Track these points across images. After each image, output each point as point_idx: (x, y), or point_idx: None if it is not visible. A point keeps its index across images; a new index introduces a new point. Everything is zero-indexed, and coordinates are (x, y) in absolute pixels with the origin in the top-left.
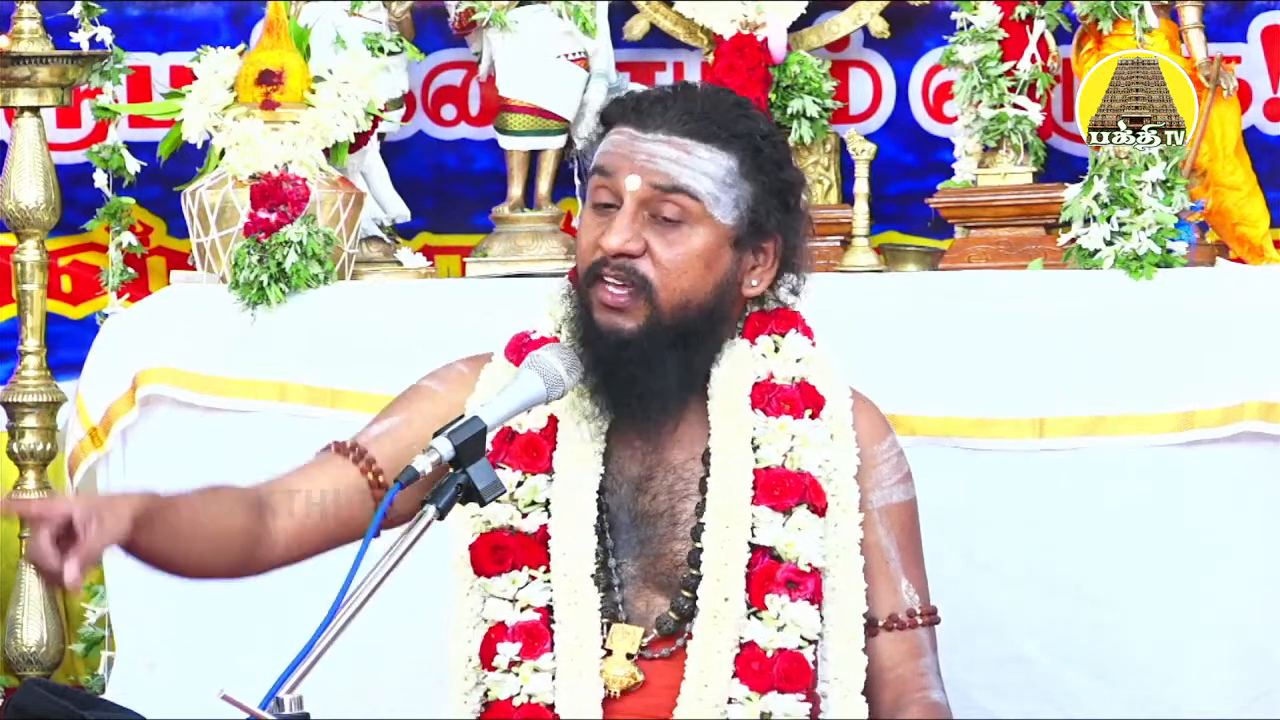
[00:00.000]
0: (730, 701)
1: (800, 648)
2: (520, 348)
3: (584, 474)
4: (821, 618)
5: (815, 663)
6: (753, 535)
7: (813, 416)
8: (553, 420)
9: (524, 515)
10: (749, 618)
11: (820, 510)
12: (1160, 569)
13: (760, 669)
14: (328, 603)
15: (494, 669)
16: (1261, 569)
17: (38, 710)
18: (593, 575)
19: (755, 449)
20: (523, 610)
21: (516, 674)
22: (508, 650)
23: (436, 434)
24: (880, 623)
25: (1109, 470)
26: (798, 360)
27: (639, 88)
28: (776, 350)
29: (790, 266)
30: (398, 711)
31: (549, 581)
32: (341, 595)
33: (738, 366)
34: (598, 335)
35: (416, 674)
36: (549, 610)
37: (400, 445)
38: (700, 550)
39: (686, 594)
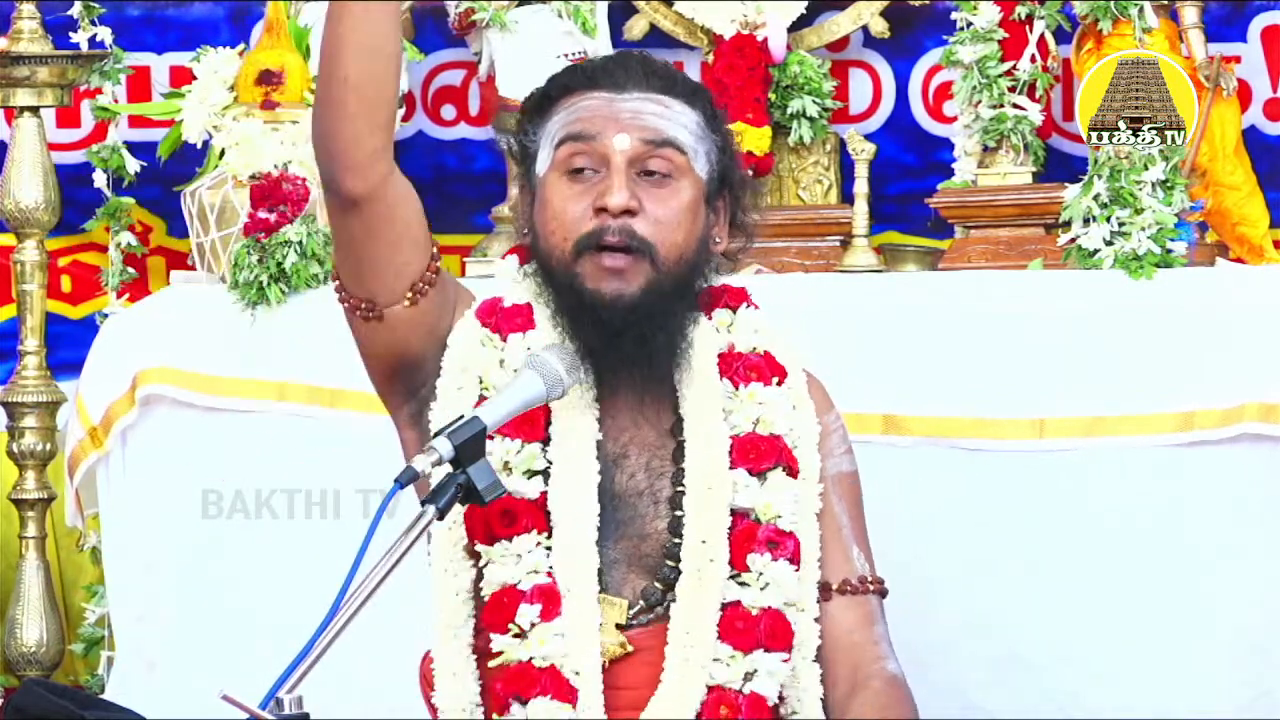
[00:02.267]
0: (714, 661)
1: (783, 607)
2: (495, 311)
3: (582, 439)
4: None
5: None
6: (732, 499)
7: (779, 384)
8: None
9: (527, 479)
10: (730, 580)
11: (794, 472)
12: (1160, 569)
13: (745, 628)
14: (328, 603)
15: (507, 631)
16: (1261, 570)
17: (38, 710)
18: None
19: (726, 416)
20: (532, 573)
21: (532, 637)
22: (529, 612)
23: (436, 434)
24: (834, 586)
25: (1109, 470)
26: (755, 331)
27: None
28: (731, 325)
29: (739, 225)
30: (398, 711)
31: (549, 549)
32: (341, 595)
33: (701, 339)
34: (598, 303)
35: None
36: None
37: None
38: (681, 517)
39: (671, 563)
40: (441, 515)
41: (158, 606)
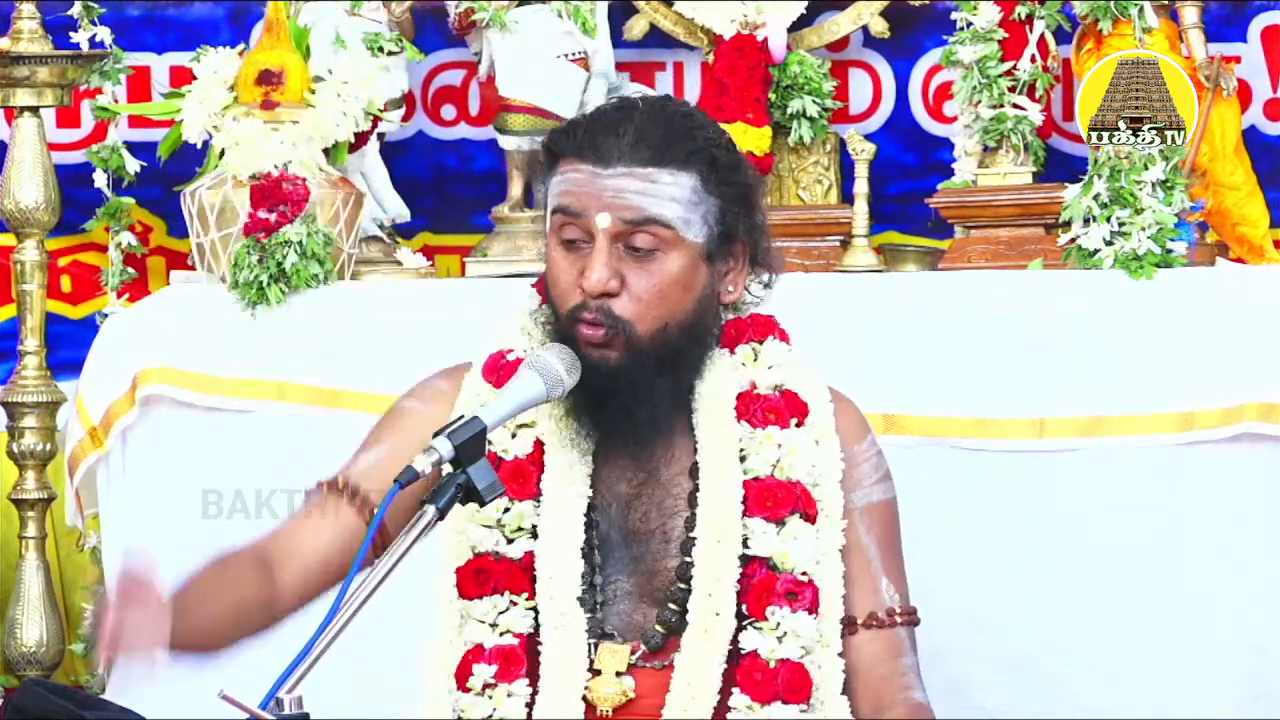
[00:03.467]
0: (730, 711)
1: (801, 657)
2: (498, 368)
3: (571, 497)
4: None
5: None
6: (746, 547)
7: (798, 424)
8: (539, 444)
9: (510, 541)
10: (749, 628)
11: (812, 518)
12: (1160, 569)
13: (763, 679)
14: (328, 603)
15: (468, 690)
16: (1261, 569)
17: (37, 710)
18: (579, 598)
19: (743, 459)
20: (502, 635)
21: (490, 696)
22: (483, 672)
23: (436, 434)
24: (860, 621)
25: (1109, 470)
26: (771, 366)
27: (638, 88)
28: (756, 358)
29: (760, 264)
30: (398, 711)
31: (532, 608)
32: (341, 595)
33: (720, 378)
34: (586, 366)
35: (415, 674)
36: (528, 637)
37: (389, 477)
38: (690, 564)
39: (673, 607)
40: (442, 515)
41: None
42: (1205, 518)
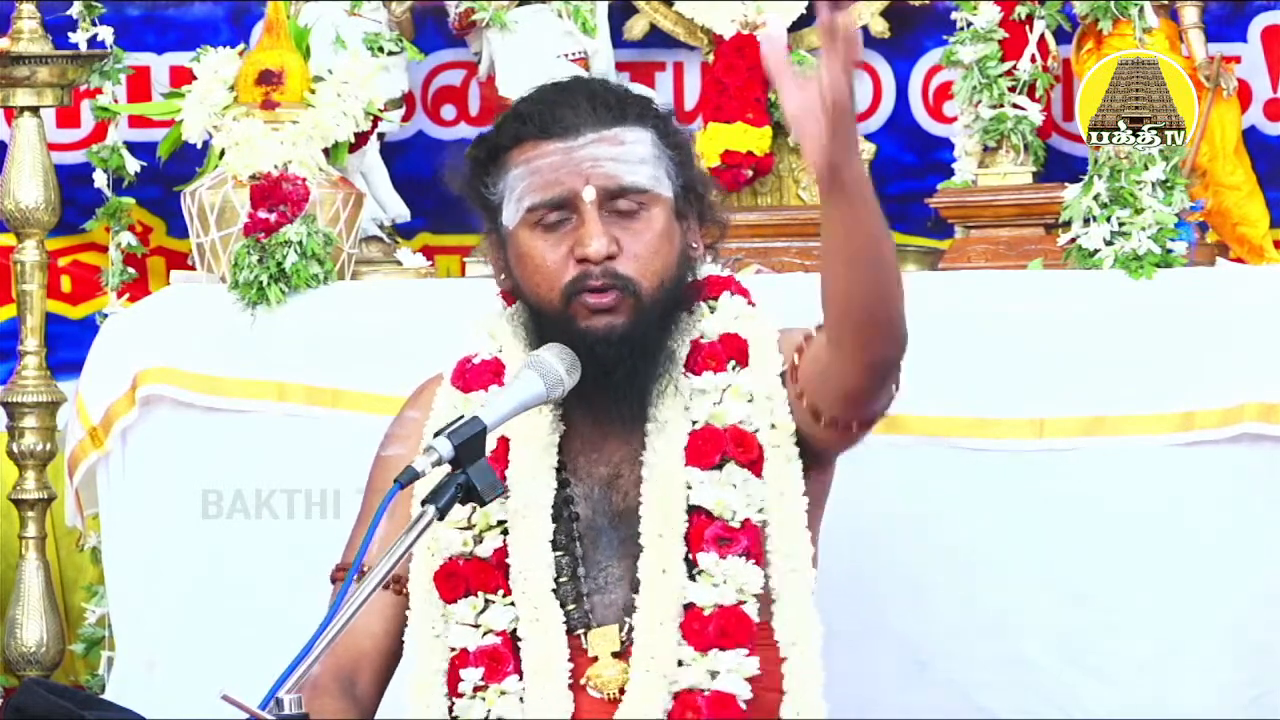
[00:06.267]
0: (680, 664)
1: (740, 603)
2: (465, 373)
3: (538, 489)
4: (767, 577)
5: (763, 617)
6: (688, 497)
7: (739, 365)
8: (503, 442)
9: (479, 540)
10: (692, 578)
11: (749, 463)
12: (1160, 569)
13: (699, 628)
14: (327, 603)
15: (460, 695)
16: (1261, 569)
17: (37, 710)
18: (554, 590)
19: (687, 411)
20: (484, 635)
21: (483, 698)
22: (471, 675)
23: (436, 434)
24: (811, 335)
25: (1109, 470)
26: (735, 318)
27: (639, 89)
28: (712, 312)
29: (707, 219)
30: (398, 711)
31: (511, 604)
32: (341, 595)
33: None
34: (590, 339)
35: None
36: (512, 633)
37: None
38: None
39: None
40: (442, 515)
41: (158, 606)
42: (1205, 518)
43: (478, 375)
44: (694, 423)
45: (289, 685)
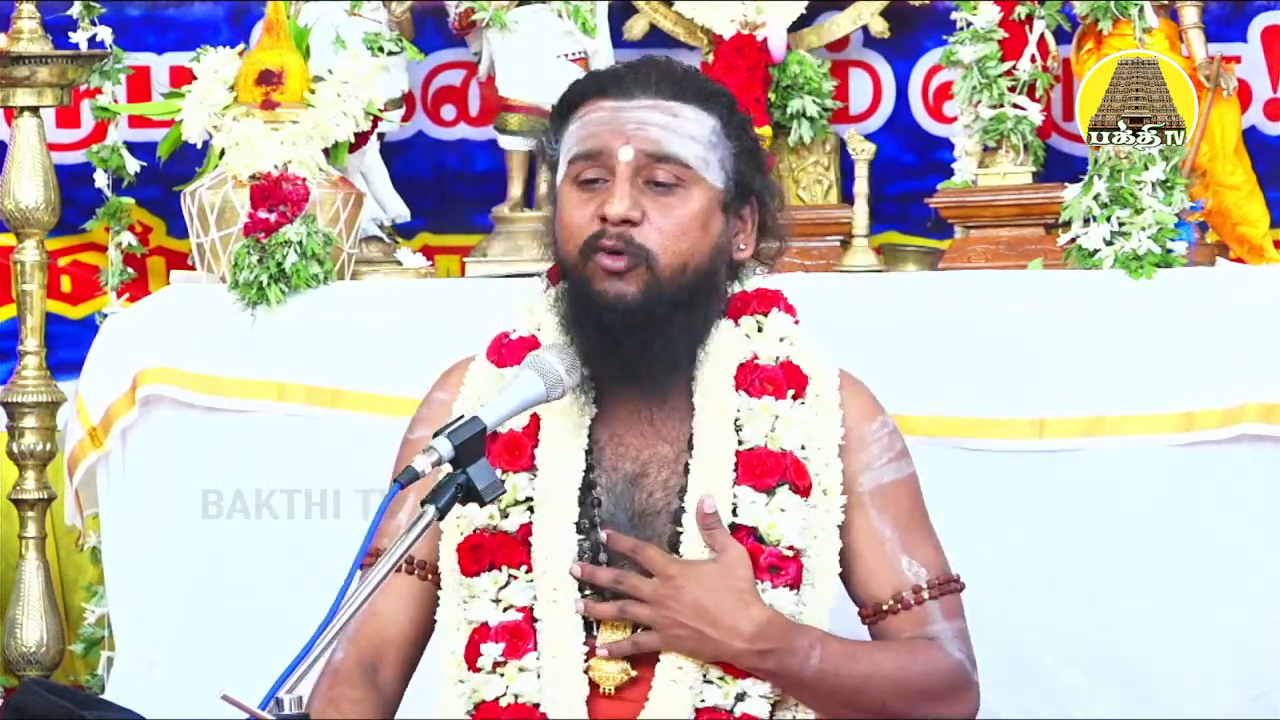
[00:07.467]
0: (706, 683)
1: None
2: (500, 348)
3: (567, 469)
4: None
5: None
6: (735, 516)
7: (796, 396)
8: (535, 419)
9: (505, 515)
10: None
11: (803, 490)
12: (1160, 569)
13: None
14: (328, 603)
15: (478, 670)
16: (1261, 570)
17: (37, 710)
18: (579, 580)
19: (739, 430)
20: (505, 610)
21: (501, 674)
22: (491, 651)
23: (436, 434)
24: (885, 606)
25: (1109, 470)
26: (781, 339)
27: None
28: (760, 330)
29: (768, 231)
30: (397, 711)
31: (531, 581)
32: (341, 595)
33: (722, 347)
34: (601, 304)
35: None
36: (532, 610)
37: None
38: (680, 534)
39: None
40: (442, 515)
41: (158, 606)
42: (1205, 518)
43: (513, 351)
44: (741, 442)
45: (289, 685)
